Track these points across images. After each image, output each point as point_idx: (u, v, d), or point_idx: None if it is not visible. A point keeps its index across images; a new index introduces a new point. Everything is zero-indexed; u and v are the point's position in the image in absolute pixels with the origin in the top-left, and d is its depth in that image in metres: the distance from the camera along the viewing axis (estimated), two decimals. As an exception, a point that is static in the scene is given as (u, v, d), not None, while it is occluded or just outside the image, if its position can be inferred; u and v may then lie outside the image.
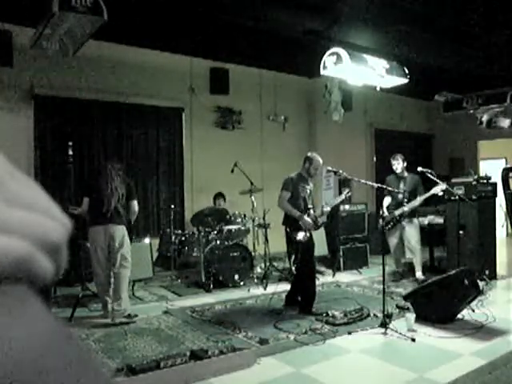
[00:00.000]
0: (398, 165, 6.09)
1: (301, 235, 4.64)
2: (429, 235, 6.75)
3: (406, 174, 6.14)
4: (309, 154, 4.94)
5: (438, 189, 5.70)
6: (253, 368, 3.41)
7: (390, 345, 3.87)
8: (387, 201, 6.11)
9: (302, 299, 4.82)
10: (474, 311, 4.54)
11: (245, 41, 6.78)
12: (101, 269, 4.55)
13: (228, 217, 6.52)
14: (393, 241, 6.13)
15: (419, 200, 5.89)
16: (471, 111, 8.58)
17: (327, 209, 4.93)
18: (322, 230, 6.18)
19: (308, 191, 4.87)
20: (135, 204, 4.71)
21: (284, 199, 4.75)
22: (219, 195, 7.16)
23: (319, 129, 9.25)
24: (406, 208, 5.94)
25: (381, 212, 5.94)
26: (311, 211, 4.81)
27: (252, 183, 6.33)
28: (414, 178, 6.10)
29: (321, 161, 4.85)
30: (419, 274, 6.04)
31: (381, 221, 5.70)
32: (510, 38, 6.25)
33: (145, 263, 5.58)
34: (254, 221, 6.36)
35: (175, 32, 6.54)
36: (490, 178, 6.32)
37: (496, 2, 5.38)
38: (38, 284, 0.27)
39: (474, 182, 6.05)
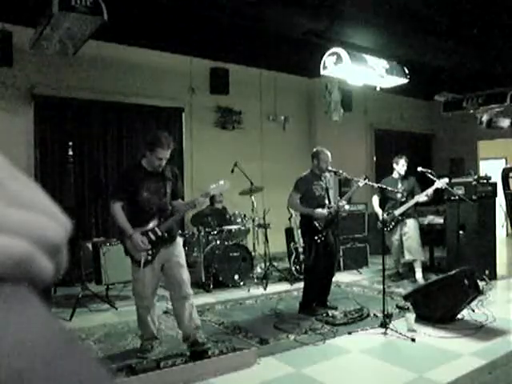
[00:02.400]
0: (403, 166, 6.09)
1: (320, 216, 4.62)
2: (429, 235, 6.75)
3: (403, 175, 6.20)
4: (315, 150, 4.88)
5: (442, 182, 5.71)
6: (253, 368, 3.41)
7: (390, 345, 3.87)
8: (376, 200, 6.11)
9: (302, 299, 4.82)
10: (473, 311, 4.54)
11: (245, 41, 6.79)
12: None
13: (228, 217, 6.52)
14: (393, 241, 6.13)
15: (419, 197, 5.89)
16: (471, 111, 8.58)
17: (343, 203, 4.88)
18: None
19: (324, 188, 4.82)
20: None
21: (293, 200, 4.73)
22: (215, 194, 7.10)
23: (319, 129, 9.25)
24: (405, 207, 5.95)
25: (379, 214, 5.95)
26: (326, 208, 4.73)
27: (252, 183, 6.33)
28: (410, 179, 6.16)
29: (328, 153, 4.78)
30: (419, 276, 6.02)
31: (379, 223, 5.71)
32: (510, 37, 6.25)
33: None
34: (253, 221, 6.36)
35: (175, 32, 6.55)
36: (490, 178, 6.32)
37: (496, 2, 5.38)
38: (38, 284, 0.27)
39: (474, 182, 6.05)
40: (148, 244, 3.49)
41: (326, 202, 4.80)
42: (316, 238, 4.63)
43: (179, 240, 3.75)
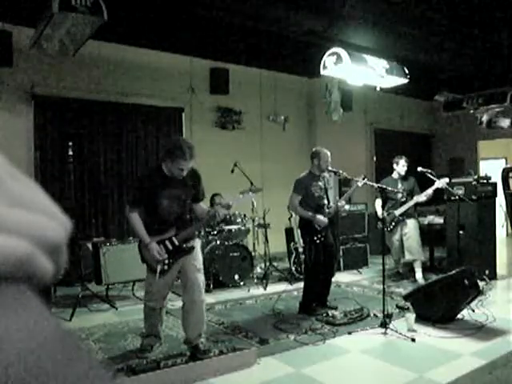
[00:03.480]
0: (403, 167, 6.09)
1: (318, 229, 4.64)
2: (429, 235, 6.76)
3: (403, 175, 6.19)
4: (314, 150, 4.88)
5: (442, 182, 5.72)
6: (253, 368, 3.41)
7: (390, 345, 3.87)
8: (379, 203, 6.11)
9: (302, 299, 4.82)
10: (473, 311, 4.54)
11: (245, 41, 6.79)
12: None
13: (228, 217, 6.51)
14: (394, 241, 6.13)
15: (419, 197, 5.90)
16: (471, 111, 8.58)
17: (342, 203, 4.88)
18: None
19: (322, 187, 4.83)
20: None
21: (294, 202, 4.73)
22: (217, 196, 7.10)
23: (319, 129, 9.25)
24: (405, 207, 5.95)
25: (379, 214, 5.96)
26: (325, 209, 4.74)
27: (252, 183, 6.33)
28: (410, 180, 6.17)
29: (328, 153, 4.79)
30: (419, 276, 6.02)
31: (379, 223, 5.71)
32: (510, 37, 6.25)
33: (145, 263, 5.58)
34: (254, 221, 6.36)
35: (175, 32, 6.55)
36: (490, 178, 6.32)
37: (496, 2, 5.38)
38: (38, 284, 0.27)
39: (474, 182, 6.05)
40: (165, 254, 3.41)
41: (325, 202, 4.81)
42: (315, 238, 4.64)
43: (197, 242, 3.65)
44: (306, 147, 8.99)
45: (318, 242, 4.64)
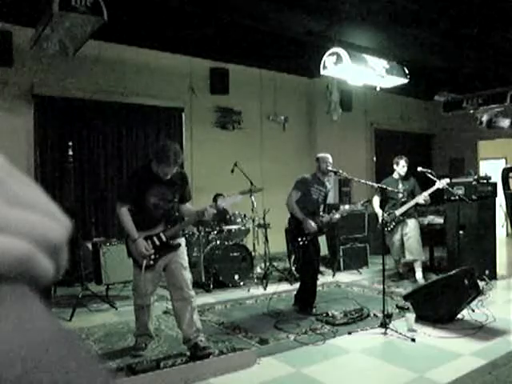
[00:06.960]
0: (403, 167, 6.09)
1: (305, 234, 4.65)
2: (429, 235, 6.76)
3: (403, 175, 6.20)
4: (316, 156, 4.99)
5: (443, 183, 5.72)
6: (253, 368, 3.41)
7: (390, 345, 3.87)
8: (377, 200, 6.10)
9: (302, 299, 4.83)
10: (473, 311, 4.54)
11: (245, 41, 6.79)
12: None
13: (228, 217, 6.52)
14: (394, 241, 6.12)
15: (419, 198, 5.91)
16: (471, 111, 8.58)
17: (337, 216, 4.91)
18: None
19: (322, 194, 4.84)
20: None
21: (293, 198, 4.73)
22: (219, 196, 7.11)
23: (319, 129, 9.25)
24: (405, 207, 5.96)
25: (376, 211, 5.97)
26: (319, 216, 4.78)
27: (252, 183, 6.33)
28: (411, 180, 6.18)
29: (328, 155, 4.87)
30: (419, 276, 6.03)
31: (379, 224, 5.72)
32: (510, 38, 6.25)
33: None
34: (253, 221, 6.36)
35: (175, 32, 6.55)
36: (490, 178, 6.32)
37: (495, 3, 5.38)
38: (38, 284, 0.27)
39: (474, 182, 6.05)
40: (151, 249, 3.50)
41: (321, 209, 4.83)
42: (299, 240, 4.64)
43: (183, 241, 3.73)
44: (305, 147, 9.01)
45: (301, 243, 4.64)
